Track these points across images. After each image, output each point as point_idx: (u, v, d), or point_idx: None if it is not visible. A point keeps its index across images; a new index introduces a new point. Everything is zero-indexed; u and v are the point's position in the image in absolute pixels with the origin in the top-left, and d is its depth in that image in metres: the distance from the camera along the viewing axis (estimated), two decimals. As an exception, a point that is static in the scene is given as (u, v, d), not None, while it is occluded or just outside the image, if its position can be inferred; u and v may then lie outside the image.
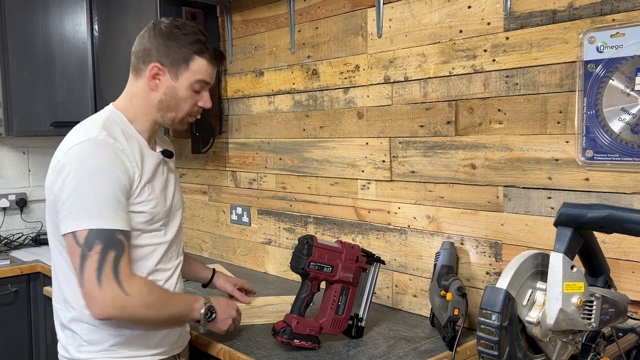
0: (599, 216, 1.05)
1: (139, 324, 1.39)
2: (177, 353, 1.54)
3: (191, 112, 1.50)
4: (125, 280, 1.30)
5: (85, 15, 2.89)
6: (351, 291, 1.61)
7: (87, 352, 1.41)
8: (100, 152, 1.34)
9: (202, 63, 1.45)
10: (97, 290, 1.27)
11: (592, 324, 1.09)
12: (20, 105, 2.85)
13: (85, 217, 1.29)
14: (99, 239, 1.29)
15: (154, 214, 1.43)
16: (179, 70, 1.44)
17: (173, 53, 1.43)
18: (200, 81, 1.46)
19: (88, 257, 1.28)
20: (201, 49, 1.45)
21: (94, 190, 1.31)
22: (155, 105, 1.46)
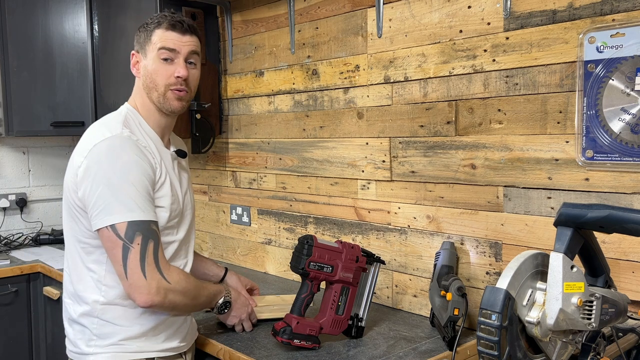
0: (599, 216, 1.05)
1: (176, 310, 1.46)
2: (184, 351, 1.55)
3: (170, 84, 1.48)
4: (165, 269, 1.37)
5: (85, 15, 2.89)
6: (351, 291, 1.61)
7: (97, 347, 1.43)
8: (129, 147, 1.39)
9: (160, 32, 1.48)
10: (142, 279, 1.33)
11: (592, 324, 1.09)
12: (20, 105, 2.85)
13: (123, 210, 1.34)
14: (138, 230, 1.34)
15: (171, 210, 1.47)
16: (145, 48, 1.49)
17: (141, 36, 1.51)
18: (162, 49, 1.46)
19: (130, 249, 1.33)
20: (159, 21, 1.49)
21: (128, 183, 1.35)
22: (143, 90, 1.51)
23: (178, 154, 1.59)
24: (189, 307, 1.48)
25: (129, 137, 1.41)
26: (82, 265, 1.45)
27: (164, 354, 1.48)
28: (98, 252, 1.42)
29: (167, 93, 1.48)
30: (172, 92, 1.48)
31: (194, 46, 1.51)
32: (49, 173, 3.31)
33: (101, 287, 1.43)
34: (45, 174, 3.30)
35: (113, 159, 1.36)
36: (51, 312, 2.67)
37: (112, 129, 1.41)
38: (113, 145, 1.38)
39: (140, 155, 1.39)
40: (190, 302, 1.46)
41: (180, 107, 1.51)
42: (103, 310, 1.43)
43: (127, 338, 1.43)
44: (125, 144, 1.39)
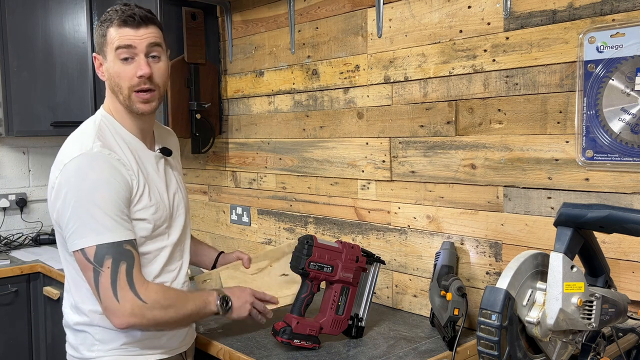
0: (599, 216, 1.05)
1: (160, 326, 1.40)
2: (184, 351, 1.55)
3: (133, 85, 1.40)
4: (141, 289, 1.32)
5: (85, 15, 2.89)
6: (351, 291, 1.61)
7: (99, 351, 1.43)
8: (97, 165, 1.34)
9: (113, 30, 1.39)
10: (115, 303, 1.30)
11: (592, 324, 1.09)
12: (20, 105, 2.85)
13: (91, 233, 1.30)
14: (108, 253, 1.30)
15: (155, 220, 1.43)
16: (104, 50, 1.42)
17: (97, 37, 1.44)
18: (119, 48, 1.38)
19: (101, 272, 1.29)
20: (109, 18, 1.40)
21: (95, 205, 1.31)
22: (113, 96, 1.45)
23: (163, 153, 1.52)
24: (179, 319, 1.41)
25: (100, 153, 1.34)
26: (77, 276, 1.42)
27: (165, 355, 1.48)
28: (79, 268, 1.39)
29: (131, 95, 1.40)
30: (137, 95, 1.40)
31: (152, 38, 1.40)
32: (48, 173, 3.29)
33: None
34: (45, 174, 3.30)
35: (80, 180, 1.32)
36: (51, 312, 2.67)
37: (83, 145, 1.35)
38: (81, 164, 1.33)
39: (110, 172, 1.34)
40: (175, 315, 1.39)
41: (149, 109, 1.43)
42: (102, 319, 1.40)
43: (129, 342, 1.43)
44: (94, 162, 1.33)
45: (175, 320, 1.41)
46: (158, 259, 1.45)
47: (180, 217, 1.54)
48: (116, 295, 1.29)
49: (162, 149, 1.53)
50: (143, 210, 1.40)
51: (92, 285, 1.32)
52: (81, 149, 1.35)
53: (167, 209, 1.48)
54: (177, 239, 1.51)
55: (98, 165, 1.34)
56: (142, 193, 1.40)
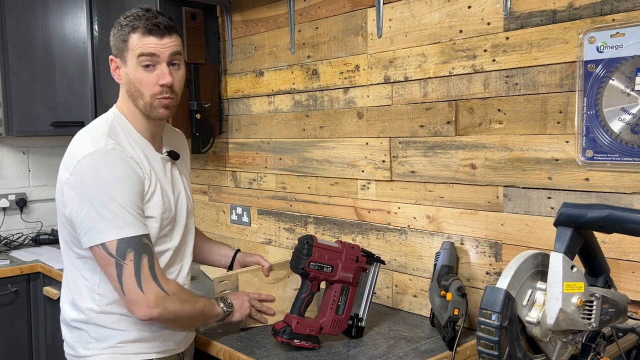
0: (599, 216, 1.05)
1: (177, 320, 1.42)
2: (182, 351, 1.55)
3: (156, 92, 1.42)
4: (163, 281, 1.36)
5: (85, 15, 2.89)
6: (351, 291, 1.61)
7: (94, 349, 1.43)
8: (112, 162, 1.35)
9: (136, 37, 1.40)
10: (140, 295, 1.32)
11: (592, 324, 1.09)
12: (20, 105, 2.85)
13: (111, 227, 1.31)
14: (129, 247, 1.32)
15: (162, 219, 1.44)
16: (124, 54, 1.43)
17: (115, 40, 1.44)
18: (141, 55, 1.39)
19: (124, 266, 1.31)
20: (134, 25, 1.40)
21: (113, 200, 1.32)
22: (129, 99, 1.46)
23: (170, 156, 1.54)
24: (191, 316, 1.45)
25: (113, 150, 1.36)
26: (77, 273, 1.44)
27: (162, 355, 1.48)
28: (91, 261, 1.40)
29: (153, 102, 1.43)
30: (159, 101, 1.43)
31: (175, 47, 1.43)
32: (49, 173, 3.31)
33: (95, 295, 1.42)
34: (45, 174, 3.30)
35: (96, 176, 1.33)
36: (51, 312, 2.67)
37: (95, 142, 1.37)
38: (96, 161, 1.34)
39: (125, 169, 1.35)
40: (190, 311, 1.44)
41: (167, 114, 1.46)
42: (98, 317, 1.42)
43: (125, 341, 1.43)
44: (108, 158, 1.35)
45: (190, 315, 1.45)
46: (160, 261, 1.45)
47: (182, 221, 1.54)
48: (141, 287, 1.32)
49: (169, 152, 1.54)
50: (154, 208, 1.42)
51: (114, 279, 1.33)
52: (94, 146, 1.36)
53: (172, 212, 1.49)
54: (179, 243, 1.52)
55: (112, 162, 1.35)
56: (153, 191, 1.42)
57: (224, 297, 1.61)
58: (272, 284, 1.76)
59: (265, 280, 1.75)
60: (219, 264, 1.85)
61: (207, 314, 1.52)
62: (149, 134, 1.49)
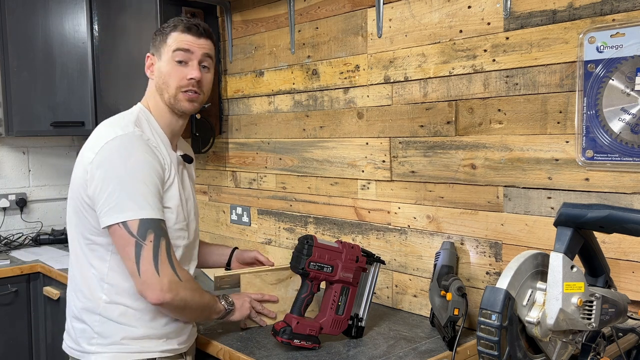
0: (599, 216, 1.05)
1: (186, 309, 1.44)
2: (184, 351, 1.55)
3: (181, 86, 1.49)
4: (178, 267, 1.39)
5: (85, 15, 2.89)
6: (351, 291, 1.61)
7: (98, 345, 1.44)
8: (140, 146, 1.40)
9: (175, 34, 1.50)
10: (155, 277, 1.34)
11: (592, 324, 1.09)
12: (20, 105, 2.85)
13: (135, 207, 1.34)
14: (150, 228, 1.34)
15: (177, 212, 1.47)
16: (160, 50, 1.51)
17: (157, 39, 1.52)
18: (177, 50, 1.48)
19: (143, 246, 1.34)
20: (176, 23, 1.50)
21: (139, 181, 1.36)
22: (156, 91, 1.52)
23: (184, 159, 1.59)
24: (198, 306, 1.47)
25: (140, 136, 1.41)
26: (85, 262, 1.45)
27: (165, 355, 1.48)
28: (102, 249, 1.42)
29: (178, 95, 1.49)
30: (184, 94, 1.49)
31: (208, 49, 1.52)
32: (49, 173, 3.31)
33: (103, 285, 1.44)
34: (45, 174, 3.30)
35: (124, 157, 1.37)
36: (51, 312, 2.67)
37: (123, 127, 1.42)
38: (124, 143, 1.38)
39: (151, 154, 1.40)
40: (199, 301, 1.46)
41: (192, 108, 1.52)
42: (105, 308, 1.43)
43: (129, 338, 1.44)
44: (136, 142, 1.39)
45: (197, 306, 1.47)
46: None
47: (193, 223, 1.58)
48: (157, 269, 1.34)
49: (183, 155, 1.60)
50: (171, 200, 1.45)
51: (130, 259, 1.34)
52: (123, 130, 1.41)
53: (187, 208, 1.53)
54: (192, 242, 1.56)
55: (140, 146, 1.40)
56: (172, 182, 1.46)
57: (226, 296, 1.62)
58: (274, 285, 1.76)
59: (267, 281, 1.75)
60: (218, 263, 1.87)
61: (211, 308, 1.54)
62: (170, 132, 1.55)
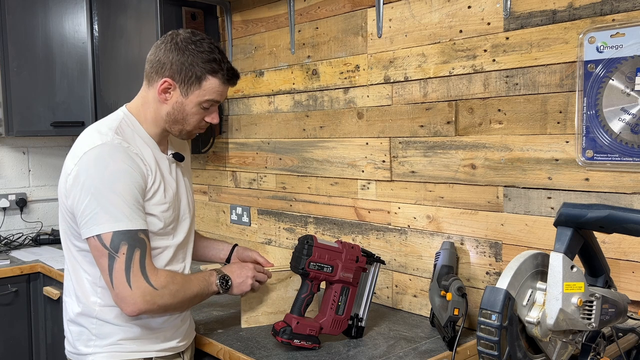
0: (599, 216, 1.05)
1: (169, 311, 1.44)
2: (182, 350, 1.55)
3: (198, 126, 1.52)
4: (152, 276, 1.36)
5: (85, 15, 2.89)
6: (351, 291, 1.61)
7: (96, 347, 1.44)
8: (117, 156, 1.37)
9: (215, 83, 1.46)
10: (127, 290, 1.33)
11: (592, 324, 1.09)
12: (20, 105, 2.85)
13: (109, 220, 1.33)
14: (124, 240, 1.33)
15: (164, 218, 1.45)
16: (190, 88, 1.45)
17: (186, 70, 1.43)
18: (210, 100, 1.48)
19: (116, 258, 1.33)
20: (215, 68, 1.44)
21: (114, 193, 1.34)
22: (163, 116, 1.49)
23: (175, 158, 1.57)
24: (185, 302, 1.46)
25: (119, 145, 1.39)
26: (78, 267, 1.45)
27: (163, 354, 1.49)
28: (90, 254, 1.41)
29: (192, 131, 1.53)
30: (197, 130, 1.54)
31: None
32: (49, 173, 3.31)
33: (97, 289, 1.44)
34: (45, 174, 3.30)
35: (101, 168, 1.35)
36: (51, 312, 2.67)
37: (102, 136, 1.40)
38: (102, 153, 1.36)
39: (129, 164, 1.38)
40: (183, 299, 1.43)
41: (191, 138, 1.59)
42: (101, 311, 1.43)
43: (126, 338, 1.44)
44: (114, 152, 1.37)
45: (183, 303, 1.45)
46: (161, 257, 1.47)
47: (186, 220, 1.57)
48: (129, 282, 1.32)
49: (174, 154, 1.58)
50: (156, 206, 1.44)
51: (105, 271, 1.35)
52: (102, 140, 1.39)
53: (176, 210, 1.51)
54: (182, 241, 1.54)
55: (118, 156, 1.37)
56: (157, 189, 1.44)
57: (225, 276, 1.56)
58: (274, 285, 1.76)
59: (267, 280, 1.75)
60: (216, 258, 1.85)
61: (203, 294, 1.51)
62: (157, 136, 1.53)
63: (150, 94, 1.49)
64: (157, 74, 1.46)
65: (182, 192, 1.57)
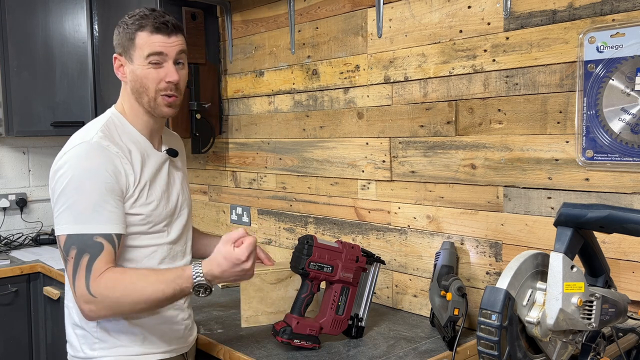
0: (599, 216, 1.05)
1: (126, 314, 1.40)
2: (185, 352, 1.55)
3: (161, 89, 1.43)
4: (93, 283, 1.30)
5: (85, 15, 2.89)
6: (351, 291, 1.61)
7: (101, 349, 1.44)
8: (92, 154, 1.36)
9: (144, 35, 1.41)
10: (74, 293, 1.33)
11: (592, 324, 1.09)
12: (20, 105, 2.85)
13: (66, 222, 1.33)
14: (74, 244, 1.32)
15: (153, 217, 1.44)
16: (129, 52, 1.44)
17: (121, 39, 1.46)
18: (150, 54, 1.41)
19: (67, 261, 1.33)
20: (141, 23, 1.42)
21: (79, 193, 1.33)
22: (131, 94, 1.47)
23: (169, 153, 1.55)
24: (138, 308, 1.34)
25: (98, 144, 1.36)
26: None
27: (167, 355, 1.48)
28: None
29: (157, 98, 1.44)
30: (163, 98, 1.44)
31: (181, 46, 1.45)
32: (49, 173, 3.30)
33: None
34: (45, 174, 3.30)
35: (73, 167, 1.34)
36: (51, 312, 2.67)
37: (85, 135, 1.39)
38: (78, 152, 1.36)
39: (103, 163, 1.34)
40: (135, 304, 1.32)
41: (171, 113, 1.48)
42: None
43: (130, 341, 1.43)
44: (90, 151, 1.35)
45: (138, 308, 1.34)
46: (156, 255, 1.46)
47: (181, 218, 1.55)
48: (74, 285, 1.32)
49: (168, 150, 1.56)
50: (141, 206, 1.42)
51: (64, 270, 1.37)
52: (82, 139, 1.39)
53: (168, 207, 1.50)
54: (177, 238, 1.52)
55: (93, 155, 1.36)
56: (142, 188, 1.42)
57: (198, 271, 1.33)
58: (274, 285, 1.76)
59: (267, 280, 1.75)
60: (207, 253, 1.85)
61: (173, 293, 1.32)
62: (148, 132, 1.50)
63: (122, 86, 1.51)
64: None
65: (175, 189, 1.55)
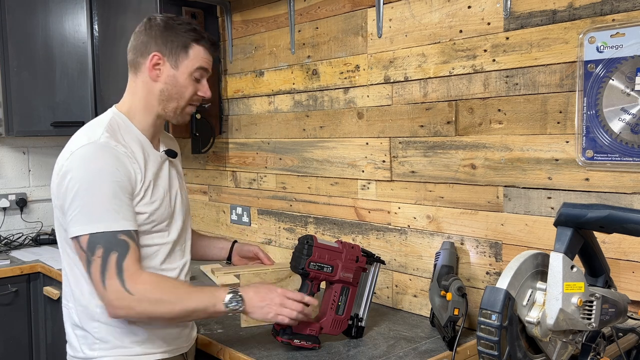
0: (599, 216, 1.05)
1: (154, 319, 1.40)
2: (185, 352, 1.55)
3: (192, 100, 1.50)
4: (129, 280, 1.32)
5: (85, 15, 2.89)
6: (351, 291, 1.61)
7: (100, 350, 1.43)
8: (101, 155, 1.36)
9: (200, 50, 1.47)
10: (103, 292, 1.32)
11: (592, 324, 1.09)
12: (20, 105, 2.85)
13: (86, 221, 1.33)
14: (100, 242, 1.32)
15: (157, 216, 1.45)
16: (178, 58, 1.46)
17: (171, 42, 1.45)
18: (199, 68, 1.47)
19: (92, 261, 1.32)
20: (198, 37, 1.47)
21: (94, 194, 1.33)
22: (157, 95, 1.47)
23: (168, 154, 1.56)
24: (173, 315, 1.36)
25: (106, 144, 1.37)
26: (76, 269, 1.44)
27: (167, 355, 1.48)
28: None
29: (187, 108, 1.50)
30: (191, 107, 1.51)
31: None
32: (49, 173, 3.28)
33: None
34: (45, 174, 3.30)
35: (84, 168, 1.34)
36: (51, 312, 2.67)
37: (91, 135, 1.39)
38: (87, 153, 1.36)
39: (114, 163, 1.36)
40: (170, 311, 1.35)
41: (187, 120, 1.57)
42: (102, 314, 1.41)
43: (130, 341, 1.43)
44: (99, 151, 1.36)
45: (172, 314, 1.36)
46: (158, 255, 1.47)
47: (179, 218, 1.55)
48: (104, 284, 1.31)
49: (167, 150, 1.57)
50: (146, 205, 1.42)
51: (86, 273, 1.36)
52: (89, 139, 1.38)
53: (170, 207, 1.51)
54: (177, 238, 1.53)
55: (102, 155, 1.36)
56: (147, 188, 1.43)
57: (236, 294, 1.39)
58: (274, 284, 1.76)
59: (267, 280, 1.75)
60: (218, 257, 1.85)
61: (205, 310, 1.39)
62: (149, 133, 1.51)
63: (139, 80, 1.48)
64: (143, 55, 1.46)
65: (174, 189, 1.55)
